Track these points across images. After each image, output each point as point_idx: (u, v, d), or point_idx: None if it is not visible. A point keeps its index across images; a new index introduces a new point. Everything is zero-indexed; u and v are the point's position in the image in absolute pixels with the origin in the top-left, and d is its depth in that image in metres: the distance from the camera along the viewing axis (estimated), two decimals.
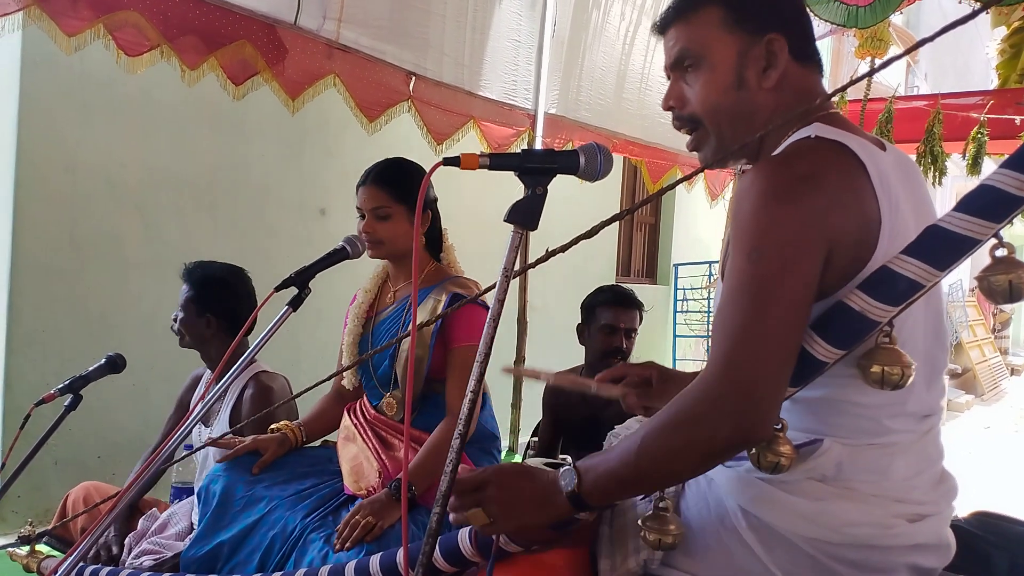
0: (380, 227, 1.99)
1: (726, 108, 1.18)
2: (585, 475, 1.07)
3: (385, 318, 2.09)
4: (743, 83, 1.17)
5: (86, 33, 2.46)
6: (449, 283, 2.02)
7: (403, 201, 1.99)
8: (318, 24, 3.00)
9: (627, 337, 2.78)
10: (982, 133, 4.71)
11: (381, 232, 1.99)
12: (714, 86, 1.18)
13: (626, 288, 2.92)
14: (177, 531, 2.22)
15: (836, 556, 1.08)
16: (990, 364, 12.71)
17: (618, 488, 1.08)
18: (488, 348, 1.09)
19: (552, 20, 4.01)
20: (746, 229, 1.04)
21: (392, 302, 2.10)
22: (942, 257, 0.96)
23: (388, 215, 1.99)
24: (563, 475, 1.09)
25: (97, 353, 2.16)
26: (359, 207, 2.03)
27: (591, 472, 1.07)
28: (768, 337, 0.99)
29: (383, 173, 2.02)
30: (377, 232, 1.99)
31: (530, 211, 1.14)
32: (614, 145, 4.54)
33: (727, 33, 1.17)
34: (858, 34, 4.24)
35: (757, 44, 1.16)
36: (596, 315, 2.85)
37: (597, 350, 2.83)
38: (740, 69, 1.16)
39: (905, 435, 1.12)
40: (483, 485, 1.10)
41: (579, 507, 1.08)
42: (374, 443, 1.94)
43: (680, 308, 7.94)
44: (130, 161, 3.78)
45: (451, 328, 1.96)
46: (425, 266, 2.09)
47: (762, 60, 1.16)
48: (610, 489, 1.07)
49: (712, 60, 1.17)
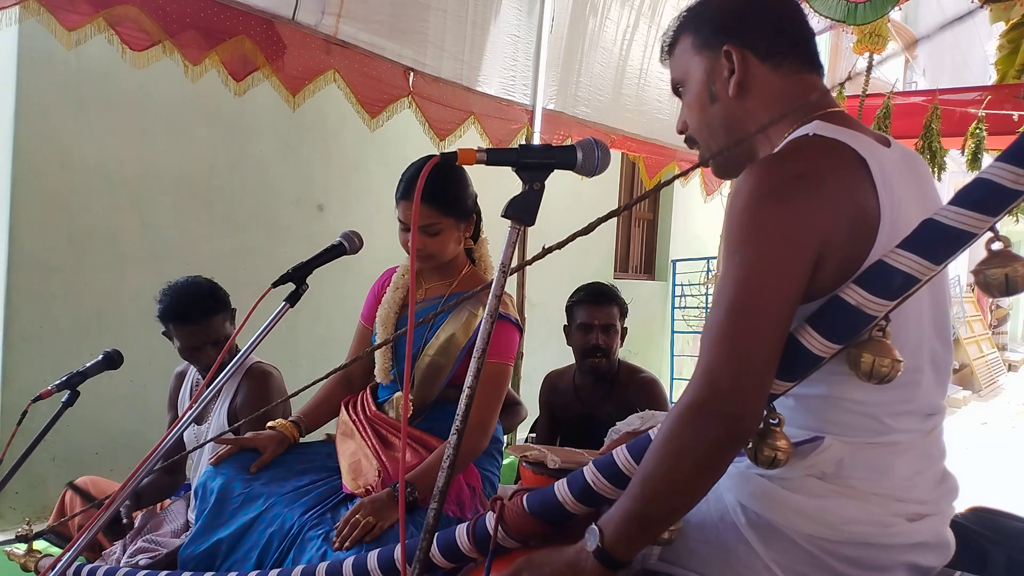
0: (431, 242, 1.93)
1: (707, 122, 1.27)
2: (605, 528, 1.05)
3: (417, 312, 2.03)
4: (715, 97, 1.24)
5: (86, 28, 2.45)
6: (484, 293, 1.98)
7: (451, 214, 1.93)
8: (316, 19, 2.99)
9: (604, 333, 2.79)
10: (981, 128, 4.71)
11: (432, 247, 1.94)
12: (695, 104, 1.27)
13: (605, 285, 2.93)
14: (173, 528, 2.22)
15: (835, 553, 1.08)
16: (988, 360, 12.74)
17: (638, 528, 1.04)
18: (485, 344, 1.09)
19: (550, 16, 4.01)
20: (736, 228, 1.04)
21: (422, 299, 2.05)
22: (938, 251, 0.96)
23: (438, 231, 1.92)
24: (587, 536, 1.07)
25: (94, 350, 2.16)
26: (401, 219, 1.94)
27: (610, 523, 1.05)
28: (748, 341, 0.98)
29: (429, 189, 1.87)
30: (428, 247, 1.93)
31: (527, 207, 1.13)
32: (612, 141, 4.54)
33: (697, 55, 1.25)
34: (856, 30, 4.23)
35: (719, 58, 1.22)
36: (574, 314, 2.87)
37: (578, 348, 2.85)
38: (709, 84, 1.24)
39: (908, 434, 1.11)
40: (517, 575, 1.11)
41: (611, 564, 1.04)
42: (374, 441, 1.92)
43: (678, 304, 7.95)
44: (127, 157, 3.78)
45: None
46: (462, 268, 2.06)
47: (725, 71, 1.22)
48: (631, 532, 1.04)
49: (690, 82, 1.28)
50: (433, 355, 1.95)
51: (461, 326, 1.95)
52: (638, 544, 1.08)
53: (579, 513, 1.20)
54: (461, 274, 2.05)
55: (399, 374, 2.02)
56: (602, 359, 2.78)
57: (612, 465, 1.16)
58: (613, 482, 1.16)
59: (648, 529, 1.05)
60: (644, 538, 1.07)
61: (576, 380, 2.91)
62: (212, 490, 1.85)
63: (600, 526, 1.05)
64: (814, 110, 1.16)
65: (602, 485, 1.17)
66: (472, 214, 2.03)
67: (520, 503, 1.23)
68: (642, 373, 2.87)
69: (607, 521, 1.05)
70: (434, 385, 1.96)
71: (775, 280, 1.00)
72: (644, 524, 1.04)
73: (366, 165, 4.74)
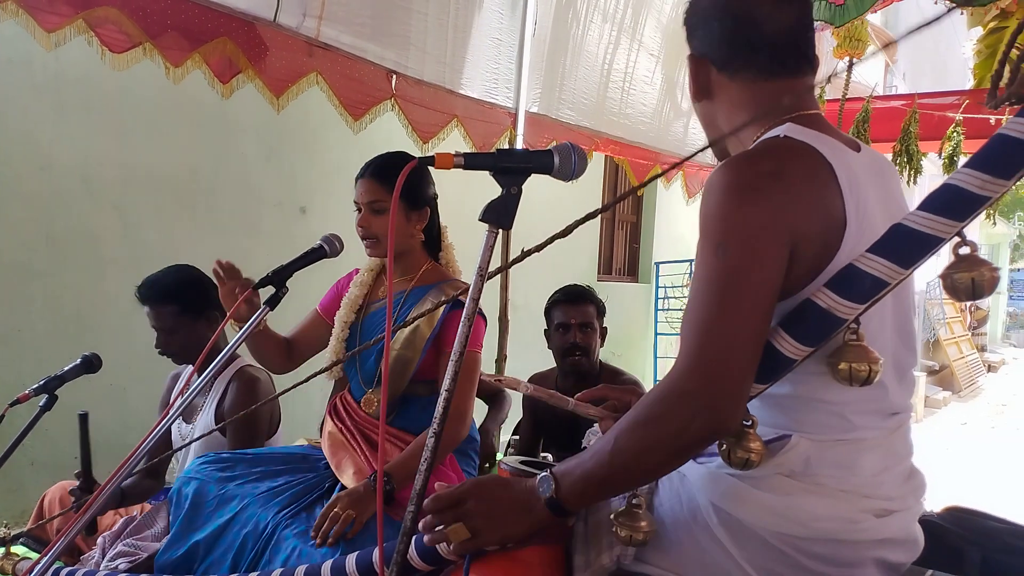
0: (375, 221, 1.96)
1: (699, 117, 1.35)
2: (562, 480, 1.08)
3: (377, 311, 2.07)
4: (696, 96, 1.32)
5: (66, 29, 2.44)
6: (447, 286, 2.01)
7: (400, 196, 1.96)
8: (298, 21, 2.98)
9: (581, 331, 2.81)
10: (957, 132, 4.77)
11: (376, 227, 1.96)
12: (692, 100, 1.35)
13: (580, 286, 2.96)
14: (153, 532, 2.20)
15: (804, 550, 1.09)
16: (967, 361, 12.88)
17: (595, 489, 1.09)
18: (462, 347, 1.10)
19: (533, 19, 4.01)
20: (711, 224, 1.06)
21: (385, 295, 2.07)
22: (907, 255, 0.98)
23: (383, 209, 1.95)
24: (540, 482, 1.10)
25: (73, 353, 2.14)
26: (356, 201, 2.00)
27: (568, 476, 1.08)
28: (734, 330, 1.00)
29: (381, 167, 1.99)
30: (372, 226, 1.96)
31: (505, 210, 1.15)
32: (597, 144, 4.56)
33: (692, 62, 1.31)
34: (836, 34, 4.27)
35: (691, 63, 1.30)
36: (552, 316, 2.90)
37: (557, 350, 2.87)
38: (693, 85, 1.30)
39: (872, 432, 1.13)
40: (462, 499, 1.12)
41: (559, 512, 1.10)
42: (362, 446, 1.94)
43: (661, 306, 7.99)
44: (107, 159, 3.75)
45: (450, 334, 1.94)
46: (422, 264, 2.08)
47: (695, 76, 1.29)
48: (587, 491, 1.09)
49: None
50: (399, 349, 1.97)
51: (425, 319, 1.96)
52: (590, 502, 1.16)
53: None
54: (421, 270, 2.07)
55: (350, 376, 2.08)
56: (582, 357, 2.80)
57: None
58: None
59: (605, 492, 1.12)
60: (599, 497, 1.15)
61: (559, 382, 2.92)
62: (187, 495, 1.85)
63: (556, 476, 1.09)
64: (787, 112, 1.17)
65: None
66: (425, 206, 2.05)
67: None
68: (624, 375, 2.88)
69: (565, 474, 1.09)
70: (401, 379, 1.97)
71: (758, 273, 1.01)
72: (603, 488, 1.10)
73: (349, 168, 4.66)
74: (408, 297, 2.01)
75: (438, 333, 1.94)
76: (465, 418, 1.94)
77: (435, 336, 1.95)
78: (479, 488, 1.14)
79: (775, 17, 1.19)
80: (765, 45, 1.20)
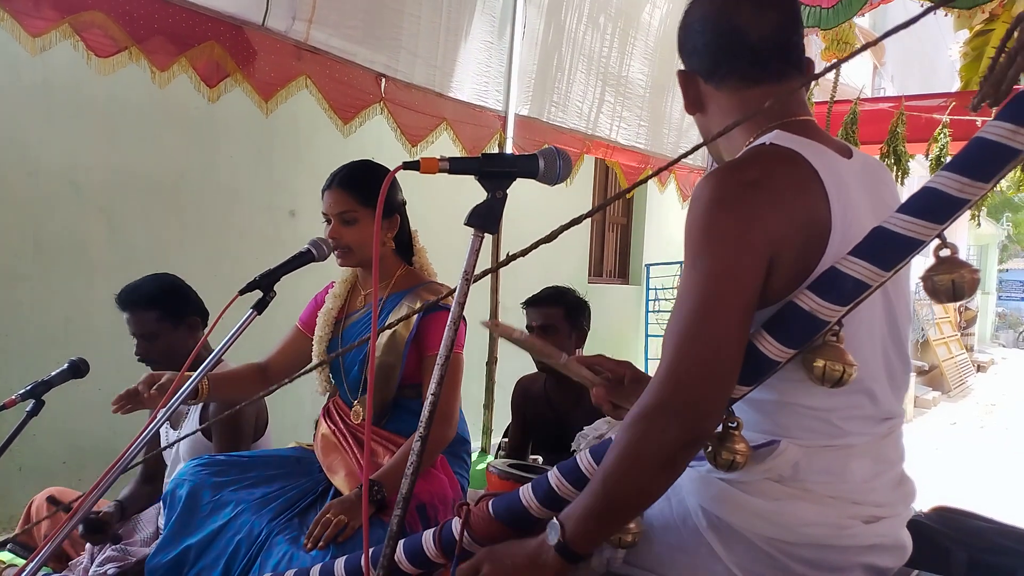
0: (347, 232, 1.95)
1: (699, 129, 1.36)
2: (566, 522, 1.07)
3: (355, 322, 2.08)
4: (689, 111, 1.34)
5: (52, 34, 2.42)
6: (423, 289, 2.01)
7: (369, 204, 1.94)
8: (287, 25, 2.97)
9: (544, 333, 2.76)
10: (944, 134, 4.80)
11: (348, 237, 1.95)
12: None
13: (554, 287, 2.91)
14: (143, 537, 2.20)
15: (793, 555, 1.10)
16: (956, 361, 12.94)
17: (597, 524, 1.07)
18: (448, 351, 1.10)
19: (522, 23, 4.02)
20: (690, 235, 1.07)
21: (362, 305, 2.08)
22: (887, 258, 0.99)
23: (354, 219, 1.95)
24: (548, 530, 1.09)
25: (61, 358, 2.13)
26: (325, 212, 1.99)
27: (571, 518, 1.07)
28: (706, 340, 1.01)
29: (348, 176, 1.98)
30: (344, 237, 1.95)
31: (490, 214, 1.15)
32: (588, 147, 4.56)
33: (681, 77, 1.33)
34: (824, 37, 4.29)
35: None
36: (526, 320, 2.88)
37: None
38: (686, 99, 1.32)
39: (862, 437, 1.14)
40: (477, 568, 1.14)
41: (571, 558, 1.08)
42: (354, 449, 1.94)
43: (652, 308, 8.00)
44: (95, 164, 3.74)
45: (427, 336, 1.95)
46: (395, 270, 2.07)
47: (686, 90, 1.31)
48: (591, 528, 1.07)
49: None
50: (381, 355, 1.97)
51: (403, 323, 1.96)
52: (597, 539, 1.11)
53: (544, 518, 1.21)
54: (395, 276, 2.07)
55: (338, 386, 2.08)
56: None
57: (575, 470, 1.18)
58: (577, 487, 1.17)
59: (607, 525, 1.08)
60: (604, 533, 1.10)
61: (547, 385, 2.91)
62: (180, 497, 1.84)
63: (561, 520, 1.08)
64: (776, 119, 1.17)
65: (566, 489, 1.18)
66: (395, 213, 2.05)
67: (486, 508, 1.24)
68: None
69: (568, 516, 1.08)
70: (389, 385, 1.97)
71: (732, 284, 1.02)
72: (603, 520, 1.07)
73: None
74: (385, 303, 2.01)
75: (415, 335, 1.95)
76: (451, 420, 1.94)
77: (412, 339, 1.95)
78: (492, 554, 1.15)
79: (756, 23, 1.19)
80: (747, 51, 1.20)
